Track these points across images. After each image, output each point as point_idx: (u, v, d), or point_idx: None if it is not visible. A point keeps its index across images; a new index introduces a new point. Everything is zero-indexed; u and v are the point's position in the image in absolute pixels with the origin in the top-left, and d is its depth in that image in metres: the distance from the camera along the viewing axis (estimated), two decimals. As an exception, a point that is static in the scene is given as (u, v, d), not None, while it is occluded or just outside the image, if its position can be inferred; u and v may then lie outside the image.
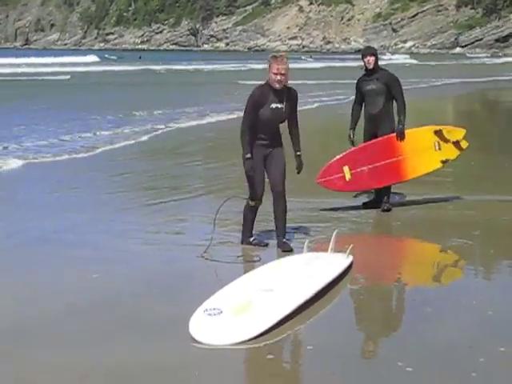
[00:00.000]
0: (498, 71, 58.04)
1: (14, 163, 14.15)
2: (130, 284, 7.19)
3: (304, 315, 6.27)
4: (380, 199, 10.32)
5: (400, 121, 10.19)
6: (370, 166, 10.21)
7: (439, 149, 10.49)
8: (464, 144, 10.62)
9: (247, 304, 6.22)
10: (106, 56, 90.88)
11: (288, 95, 8.06)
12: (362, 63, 10.39)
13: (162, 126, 20.70)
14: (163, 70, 61.03)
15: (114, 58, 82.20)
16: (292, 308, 6.25)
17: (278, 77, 7.85)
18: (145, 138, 18.39)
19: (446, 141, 10.51)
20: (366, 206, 10.42)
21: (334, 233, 7.78)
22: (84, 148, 16.38)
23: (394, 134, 10.24)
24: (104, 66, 67.04)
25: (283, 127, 8.25)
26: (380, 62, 10.35)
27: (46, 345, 5.72)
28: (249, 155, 8.02)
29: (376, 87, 10.22)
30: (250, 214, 8.45)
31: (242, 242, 8.52)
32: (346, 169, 10.15)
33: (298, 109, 8.27)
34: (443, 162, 10.55)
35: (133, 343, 5.73)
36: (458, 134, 10.64)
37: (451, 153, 10.60)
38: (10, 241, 8.77)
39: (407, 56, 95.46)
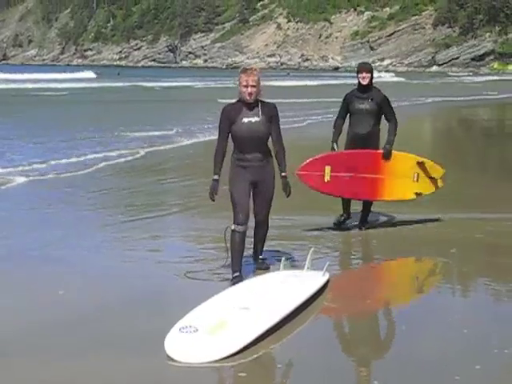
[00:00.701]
0: (479, 89, 58.57)
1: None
2: (105, 300, 7.14)
3: (278, 333, 6.26)
4: (346, 220, 10.22)
5: (389, 141, 9.92)
6: (350, 174, 9.88)
7: (417, 180, 10.28)
8: (440, 183, 10.51)
9: (223, 322, 6.20)
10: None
11: (263, 108, 7.63)
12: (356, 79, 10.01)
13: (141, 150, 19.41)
14: (157, 87, 59.74)
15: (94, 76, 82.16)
16: (268, 326, 6.23)
17: (249, 89, 7.49)
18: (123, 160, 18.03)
19: (425, 175, 10.32)
20: (336, 226, 10.21)
21: (311, 251, 7.79)
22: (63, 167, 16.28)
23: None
24: (100, 82, 65.71)
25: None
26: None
27: (19, 361, 5.68)
28: (215, 177, 7.68)
29: (369, 107, 9.88)
30: (236, 242, 7.69)
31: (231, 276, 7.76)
32: (327, 169, 9.80)
33: (287, 126, 8.18)
34: (417, 194, 10.34)
35: (107, 360, 5.70)
36: (438, 172, 10.48)
37: (426, 188, 10.44)
38: None
39: (393, 74, 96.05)
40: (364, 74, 9.89)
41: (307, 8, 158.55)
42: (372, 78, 9.94)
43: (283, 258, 7.83)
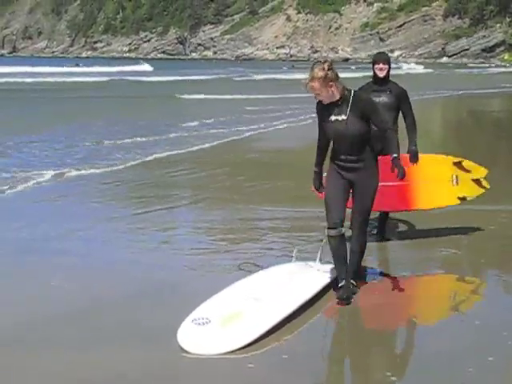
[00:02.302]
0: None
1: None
2: (115, 292, 7.14)
3: (290, 325, 6.24)
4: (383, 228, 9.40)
5: (413, 140, 8.88)
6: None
7: (457, 183, 9.16)
8: (486, 184, 9.39)
9: (235, 314, 6.19)
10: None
11: (353, 103, 6.67)
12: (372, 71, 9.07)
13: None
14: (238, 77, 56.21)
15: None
16: (280, 318, 6.23)
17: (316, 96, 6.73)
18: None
19: (467, 177, 9.23)
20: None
21: (323, 242, 7.74)
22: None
23: (407, 155, 8.78)
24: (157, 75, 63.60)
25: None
26: (396, 72, 9.54)
27: (26, 351, 5.69)
28: (315, 169, 7.08)
29: (389, 101, 8.92)
30: (332, 247, 6.95)
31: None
32: None
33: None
34: (461, 198, 9.18)
35: (119, 353, 5.70)
36: (480, 172, 9.39)
37: (470, 190, 9.31)
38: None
39: (422, 66, 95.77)
40: (381, 65, 8.96)
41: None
42: (389, 69, 9.04)
43: (295, 249, 7.76)
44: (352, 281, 6.95)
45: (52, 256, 8.47)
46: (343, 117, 6.65)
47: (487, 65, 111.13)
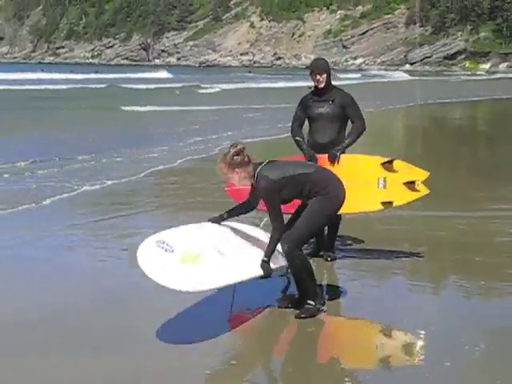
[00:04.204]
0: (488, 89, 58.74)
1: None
2: (75, 299, 7.10)
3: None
4: (321, 247, 8.82)
5: (342, 144, 8.42)
6: None
7: (384, 187, 8.36)
8: (422, 189, 8.42)
9: (198, 256, 6.24)
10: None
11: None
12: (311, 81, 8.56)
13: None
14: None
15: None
16: (236, 281, 6.33)
17: None
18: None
19: (398, 179, 8.36)
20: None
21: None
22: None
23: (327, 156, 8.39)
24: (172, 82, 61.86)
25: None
26: (382, 80, 8.86)
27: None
28: None
29: (331, 111, 8.41)
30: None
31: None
32: None
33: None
34: (384, 203, 8.36)
35: (77, 357, 5.68)
36: (418, 174, 8.48)
37: (400, 195, 8.39)
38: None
39: (405, 74, 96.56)
40: (318, 77, 8.42)
41: (280, 6, 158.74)
42: (329, 76, 8.45)
43: (266, 219, 7.56)
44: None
45: (13, 262, 8.42)
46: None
47: (469, 72, 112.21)
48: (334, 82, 8.63)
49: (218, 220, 6.96)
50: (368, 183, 8.36)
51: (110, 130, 23.56)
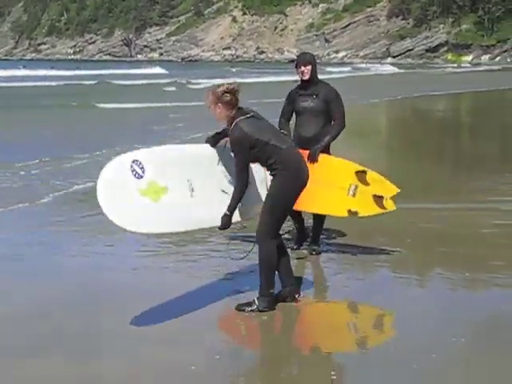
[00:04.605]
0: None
1: None
2: (60, 297, 7.09)
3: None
4: (303, 236, 8.96)
5: (322, 141, 8.36)
6: None
7: (353, 195, 8.31)
8: (389, 205, 8.38)
9: (162, 189, 6.30)
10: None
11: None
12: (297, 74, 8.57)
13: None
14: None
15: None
16: (186, 229, 6.52)
17: None
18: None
19: (368, 190, 8.32)
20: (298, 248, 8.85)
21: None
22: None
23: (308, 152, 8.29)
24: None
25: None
26: (368, 73, 8.77)
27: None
28: None
29: (314, 105, 8.44)
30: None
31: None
32: None
33: None
34: (350, 212, 8.30)
35: (56, 358, 5.68)
36: (388, 189, 8.43)
37: (366, 206, 8.35)
38: None
39: (392, 66, 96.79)
40: (302, 68, 8.42)
41: (262, 1, 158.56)
42: (314, 70, 8.44)
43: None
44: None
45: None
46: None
47: (455, 64, 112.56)
48: (321, 76, 8.63)
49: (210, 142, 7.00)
50: (339, 188, 8.36)
51: (94, 128, 23.39)
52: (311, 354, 6.00)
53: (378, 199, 8.32)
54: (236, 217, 6.76)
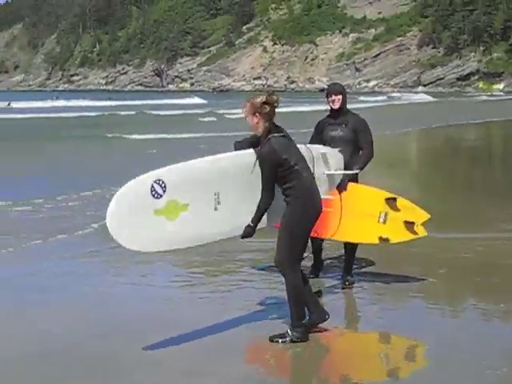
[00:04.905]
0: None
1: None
2: (92, 327, 7.10)
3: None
4: (319, 262, 8.98)
5: (350, 169, 8.29)
6: None
7: (384, 222, 8.33)
8: (420, 231, 8.35)
9: (183, 206, 6.34)
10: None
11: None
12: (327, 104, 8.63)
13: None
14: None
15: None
16: (210, 240, 6.67)
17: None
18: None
19: (398, 217, 8.32)
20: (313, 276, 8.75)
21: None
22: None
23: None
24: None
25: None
26: (402, 101, 8.75)
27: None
28: None
29: (344, 134, 8.43)
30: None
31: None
32: None
33: None
34: (381, 239, 8.33)
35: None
36: (418, 216, 8.42)
37: (397, 233, 8.34)
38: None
39: (425, 95, 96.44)
40: (333, 97, 8.48)
41: (293, 31, 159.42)
42: (345, 100, 8.53)
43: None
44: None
45: (27, 292, 8.41)
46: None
47: (488, 93, 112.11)
48: (355, 105, 8.66)
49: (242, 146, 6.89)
50: (369, 216, 8.37)
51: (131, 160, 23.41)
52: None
53: (409, 225, 8.30)
54: (262, 223, 6.77)
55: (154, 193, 6.19)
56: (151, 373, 5.94)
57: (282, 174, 6.52)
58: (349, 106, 8.63)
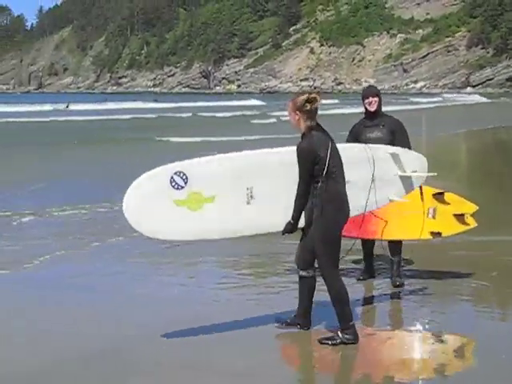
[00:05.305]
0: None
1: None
2: (141, 328, 7.13)
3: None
4: (370, 267, 9.01)
5: None
6: None
7: (433, 217, 8.51)
8: (471, 222, 8.63)
9: (207, 199, 6.41)
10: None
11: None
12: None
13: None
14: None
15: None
16: (245, 234, 6.77)
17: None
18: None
19: (447, 211, 8.55)
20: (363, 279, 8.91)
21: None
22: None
23: None
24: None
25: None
26: (455, 103, 8.71)
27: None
28: None
29: (382, 135, 8.48)
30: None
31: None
32: None
33: None
34: (433, 234, 8.54)
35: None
36: (467, 207, 8.68)
37: (448, 226, 8.59)
38: (23, 284, 8.78)
39: (478, 96, 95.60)
40: (370, 99, 8.60)
41: (340, 32, 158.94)
42: (380, 102, 8.68)
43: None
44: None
45: (76, 292, 8.50)
46: None
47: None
48: (409, 107, 8.63)
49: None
50: (418, 213, 8.47)
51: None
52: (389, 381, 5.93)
53: (459, 217, 8.53)
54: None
55: (173, 184, 6.34)
56: (201, 375, 5.94)
57: (317, 173, 6.53)
58: (401, 108, 8.65)
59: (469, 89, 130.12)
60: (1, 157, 23.65)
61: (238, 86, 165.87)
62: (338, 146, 6.74)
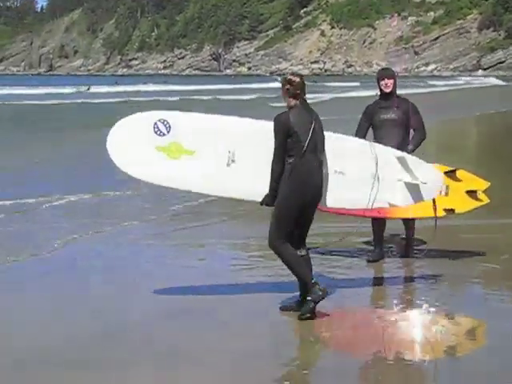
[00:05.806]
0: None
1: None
2: (149, 310, 7.17)
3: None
4: (380, 248, 9.00)
5: (405, 149, 8.23)
6: None
7: (446, 194, 8.49)
8: (483, 198, 8.79)
9: (186, 151, 6.61)
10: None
11: None
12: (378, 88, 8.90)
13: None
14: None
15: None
16: (221, 194, 7.04)
17: None
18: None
19: (459, 188, 8.66)
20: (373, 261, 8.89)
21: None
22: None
23: None
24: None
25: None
26: (470, 85, 8.87)
27: (71, 369, 5.72)
28: None
29: (396, 116, 8.65)
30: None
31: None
32: None
33: None
34: (447, 210, 8.60)
35: (146, 370, 5.75)
36: (479, 184, 8.83)
37: (461, 203, 8.74)
38: (45, 268, 8.87)
39: (495, 79, 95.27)
40: (386, 81, 8.70)
41: (351, 14, 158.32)
42: (395, 84, 8.80)
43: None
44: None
45: (91, 273, 8.57)
46: None
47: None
48: (425, 90, 8.70)
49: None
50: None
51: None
52: (399, 361, 5.93)
53: (472, 194, 8.71)
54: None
55: (156, 129, 6.58)
56: (210, 355, 5.96)
57: (290, 147, 6.68)
58: (417, 91, 8.71)
59: (480, 71, 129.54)
60: (22, 140, 23.73)
61: (249, 68, 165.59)
62: (344, 136, 6.89)
